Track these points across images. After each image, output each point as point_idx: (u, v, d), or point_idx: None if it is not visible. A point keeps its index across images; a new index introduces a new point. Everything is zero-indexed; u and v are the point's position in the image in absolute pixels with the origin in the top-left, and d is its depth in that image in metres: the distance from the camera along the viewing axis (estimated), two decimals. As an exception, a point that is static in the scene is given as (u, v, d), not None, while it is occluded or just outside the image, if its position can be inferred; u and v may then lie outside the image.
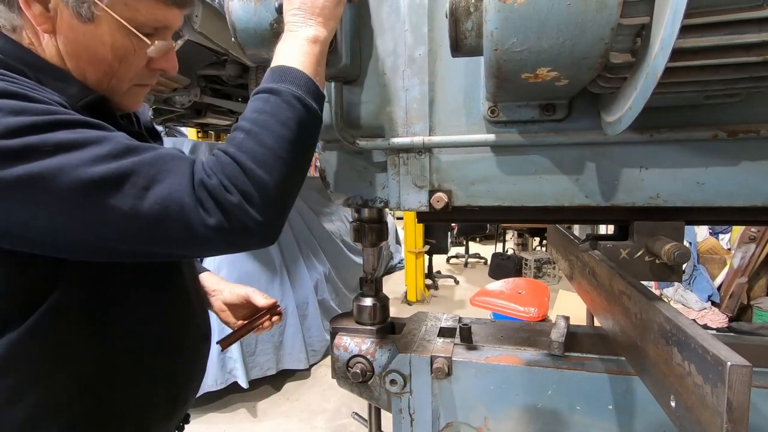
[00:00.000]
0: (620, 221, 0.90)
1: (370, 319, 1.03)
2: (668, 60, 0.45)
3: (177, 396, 0.85)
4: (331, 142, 0.94)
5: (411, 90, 0.85)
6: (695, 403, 0.46)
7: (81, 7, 0.62)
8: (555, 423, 0.88)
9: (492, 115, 0.80)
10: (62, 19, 0.63)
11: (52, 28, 0.63)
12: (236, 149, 0.61)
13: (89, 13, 0.62)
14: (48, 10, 0.62)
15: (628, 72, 0.55)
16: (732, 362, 0.39)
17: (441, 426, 0.95)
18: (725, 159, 0.73)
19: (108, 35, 0.65)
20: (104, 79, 0.69)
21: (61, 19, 0.62)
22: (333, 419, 2.95)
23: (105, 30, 0.64)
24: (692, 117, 0.72)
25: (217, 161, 0.60)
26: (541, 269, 6.17)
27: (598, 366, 0.86)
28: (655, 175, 0.76)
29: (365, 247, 1.03)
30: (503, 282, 3.57)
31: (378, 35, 0.85)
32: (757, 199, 0.73)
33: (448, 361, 0.91)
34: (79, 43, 0.65)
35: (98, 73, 0.68)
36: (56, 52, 0.65)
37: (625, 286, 0.68)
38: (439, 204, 0.86)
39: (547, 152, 0.80)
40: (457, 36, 0.62)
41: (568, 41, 0.51)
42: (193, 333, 0.88)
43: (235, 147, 0.61)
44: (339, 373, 1.00)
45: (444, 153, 0.86)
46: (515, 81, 0.59)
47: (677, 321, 0.51)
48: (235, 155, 0.60)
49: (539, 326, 1.11)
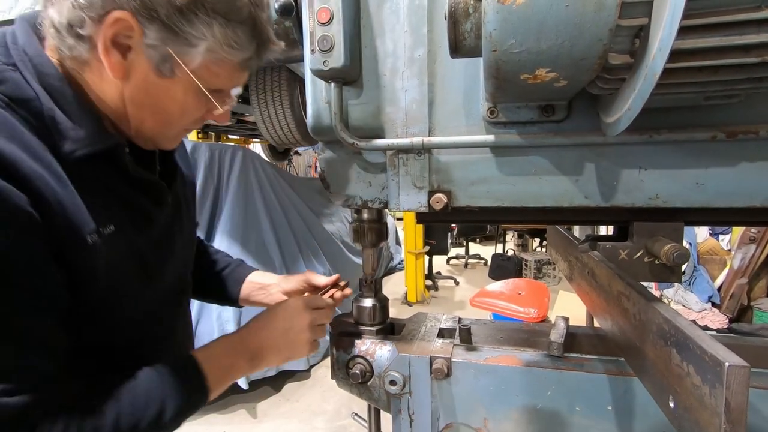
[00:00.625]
0: (619, 222, 0.90)
1: (369, 320, 1.03)
2: (667, 61, 0.45)
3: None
4: (331, 143, 0.94)
5: (410, 91, 0.85)
6: (694, 404, 0.46)
7: (163, 65, 0.61)
8: (554, 424, 0.88)
9: (491, 116, 0.80)
10: (138, 70, 0.61)
11: (124, 76, 0.61)
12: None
13: (170, 72, 0.62)
14: (125, 59, 0.60)
15: (626, 73, 0.55)
16: (730, 363, 0.39)
17: (440, 427, 0.95)
18: (724, 160, 0.73)
19: (181, 93, 0.65)
20: (158, 126, 0.69)
21: (136, 70, 0.61)
22: (333, 420, 2.95)
23: (180, 88, 0.64)
24: (691, 118, 0.72)
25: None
26: (541, 270, 6.17)
27: (597, 367, 0.86)
28: (655, 176, 0.76)
29: (365, 248, 1.04)
30: (503, 283, 3.57)
31: (377, 36, 0.85)
32: (757, 199, 0.74)
33: (448, 362, 0.91)
34: (149, 95, 0.64)
35: (156, 122, 0.68)
36: (118, 95, 0.63)
37: (624, 287, 0.68)
38: (439, 205, 0.86)
39: (546, 153, 0.80)
40: (456, 37, 0.63)
41: (567, 42, 0.51)
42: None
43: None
44: (338, 374, 1.00)
45: (443, 154, 0.86)
46: (514, 82, 0.60)
47: (676, 322, 0.51)
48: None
49: (539, 327, 1.10)
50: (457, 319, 1.12)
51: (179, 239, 0.84)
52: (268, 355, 0.80)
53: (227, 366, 0.75)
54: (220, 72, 0.65)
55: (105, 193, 0.64)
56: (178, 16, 0.57)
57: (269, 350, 0.80)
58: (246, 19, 0.63)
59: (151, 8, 0.56)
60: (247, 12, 0.62)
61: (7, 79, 0.57)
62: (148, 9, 0.56)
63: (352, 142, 0.86)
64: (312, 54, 0.78)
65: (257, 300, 1.07)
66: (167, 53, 0.60)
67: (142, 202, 0.72)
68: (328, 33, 0.78)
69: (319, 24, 0.79)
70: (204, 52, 0.61)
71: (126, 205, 0.68)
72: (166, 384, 0.67)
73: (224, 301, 1.10)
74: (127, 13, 0.56)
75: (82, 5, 0.55)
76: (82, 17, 0.56)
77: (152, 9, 0.56)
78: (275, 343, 0.81)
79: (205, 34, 0.60)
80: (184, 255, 0.87)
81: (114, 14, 0.55)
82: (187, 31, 0.59)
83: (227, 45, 0.62)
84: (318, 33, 0.78)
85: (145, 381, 0.66)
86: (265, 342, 0.80)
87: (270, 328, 0.81)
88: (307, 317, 0.84)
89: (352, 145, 0.86)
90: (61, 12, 0.56)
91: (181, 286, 0.89)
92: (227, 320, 2.93)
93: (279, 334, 0.81)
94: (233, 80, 0.68)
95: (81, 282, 0.61)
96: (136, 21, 0.57)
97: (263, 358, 0.80)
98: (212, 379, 0.72)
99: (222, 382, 0.74)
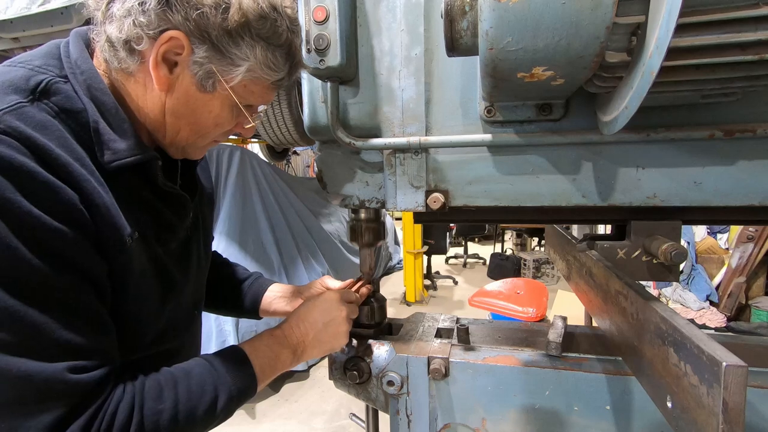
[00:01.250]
0: (617, 221, 0.90)
1: (367, 320, 1.03)
2: (664, 59, 0.45)
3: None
4: (328, 143, 0.93)
5: (407, 90, 0.85)
6: (691, 404, 0.46)
7: (206, 81, 0.66)
8: (553, 424, 0.87)
9: (488, 115, 0.80)
10: (182, 84, 0.66)
11: (168, 89, 0.66)
12: (152, 426, 0.61)
13: (212, 88, 0.66)
14: (171, 73, 0.65)
15: (624, 71, 0.55)
16: (727, 362, 0.39)
17: (438, 427, 0.94)
18: (722, 158, 0.73)
19: (218, 107, 0.69)
20: (192, 137, 0.73)
21: (180, 83, 0.66)
22: (332, 420, 2.95)
23: (217, 102, 0.69)
24: (689, 116, 0.72)
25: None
26: (539, 269, 6.17)
27: (595, 366, 0.85)
28: (652, 175, 0.76)
29: (362, 248, 1.03)
30: (501, 282, 3.57)
31: (374, 35, 0.85)
32: (755, 198, 0.73)
33: (446, 362, 0.90)
34: (188, 107, 0.68)
35: (191, 133, 0.72)
36: (160, 105, 0.68)
37: (621, 287, 0.68)
38: (436, 204, 0.85)
39: (543, 152, 0.80)
40: (452, 35, 0.62)
41: (563, 40, 0.50)
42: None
43: (152, 422, 0.61)
44: (336, 374, 0.99)
45: (440, 153, 0.85)
46: (511, 80, 0.59)
47: (673, 321, 0.50)
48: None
49: (537, 327, 1.10)
50: (455, 319, 1.12)
51: (195, 252, 0.87)
52: (309, 348, 0.84)
53: (272, 357, 0.79)
54: (255, 90, 0.70)
55: (134, 201, 0.68)
56: (227, 38, 0.62)
57: (311, 342, 0.85)
58: (284, 43, 0.68)
59: (203, 30, 0.61)
60: (285, 37, 0.68)
61: (59, 91, 0.61)
62: (201, 30, 0.61)
63: (349, 142, 0.86)
64: (308, 53, 0.78)
65: (278, 309, 1.08)
66: (211, 70, 0.65)
67: (165, 214, 0.75)
68: (324, 32, 0.78)
69: (315, 23, 0.78)
70: (244, 72, 0.66)
71: (151, 215, 0.72)
72: (217, 374, 0.70)
73: (244, 314, 1.12)
74: (180, 33, 0.61)
75: (142, 23, 0.60)
76: (140, 34, 0.61)
77: (204, 31, 0.61)
78: (317, 335, 0.85)
79: (248, 55, 0.65)
80: (199, 268, 0.90)
81: (168, 33, 0.60)
82: (232, 52, 0.64)
83: (266, 66, 0.67)
84: (314, 32, 0.78)
85: (198, 371, 0.70)
86: (307, 335, 0.84)
87: (310, 321, 0.85)
88: (345, 309, 0.89)
89: (349, 144, 0.86)
90: (120, 29, 0.61)
91: (196, 298, 0.91)
92: (225, 321, 2.93)
93: (320, 327, 0.85)
94: (265, 97, 0.74)
95: (116, 283, 0.64)
96: (188, 40, 0.62)
97: (305, 350, 0.84)
98: (259, 369, 0.76)
99: (268, 373, 0.78)
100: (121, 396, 0.60)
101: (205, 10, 0.60)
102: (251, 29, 0.63)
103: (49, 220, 0.54)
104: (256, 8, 0.62)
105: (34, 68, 0.61)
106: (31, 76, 0.60)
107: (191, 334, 0.91)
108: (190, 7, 0.60)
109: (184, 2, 0.60)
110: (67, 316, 0.56)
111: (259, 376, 0.76)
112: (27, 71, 0.60)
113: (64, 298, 0.56)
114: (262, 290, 1.09)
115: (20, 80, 0.59)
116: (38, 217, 0.53)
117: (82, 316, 0.58)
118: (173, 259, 0.78)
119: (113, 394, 0.60)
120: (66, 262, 0.56)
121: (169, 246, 0.77)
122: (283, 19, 0.66)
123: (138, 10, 0.59)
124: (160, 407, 0.62)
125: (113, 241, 0.62)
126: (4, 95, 0.56)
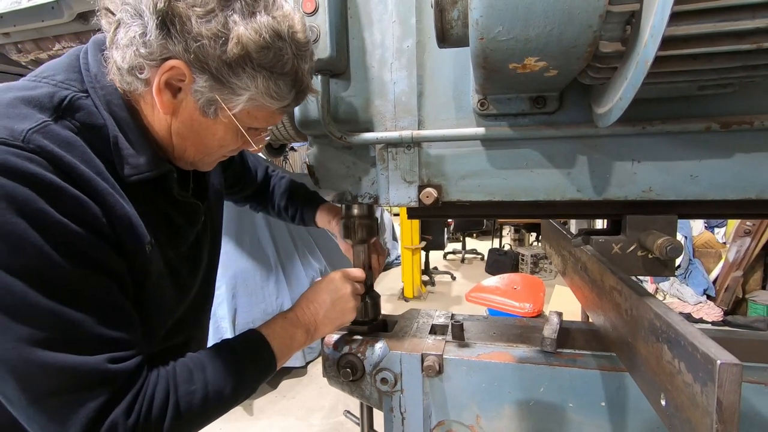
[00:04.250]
0: (613, 215, 0.88)
1: (360, 317, 1.01)
2: (659, 48, 0.43)
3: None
4: (319, 137, 0.92)
5: (399, 83, 0.83)
6: (685, 403, 0.45)
7: (208, 108, 0.67)
8: (547, 420, 0.87)
9: (482, 108, 0.78)
10: (185, 108, 0.68)
11: (173, 113, 0.68)
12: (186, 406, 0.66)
13: (214, 114, 0.68)
14: (175, 98, 0.66)
15: (618, 62, 0.53)
16: (722, 360, 0.38)
17: (432, 424, 0.94)
18: (719, 151, 0.72)
19: (222, 131, 0.71)
20: (198, 155, 0.76)
21: (184, 108, 0.68)
22: (329, 417, 2.95)
23: (221, 127, 0.70)
24: (685, 108, 0.71)
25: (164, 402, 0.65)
26: (537, 264, 6.18)
27: (590, 362, 0.85)
28: (648, 169, 0.75)
29: (355, 245, 1.02)
30: (498, 278, 3.56)
31: (365, 27, 0.83)
32: (752, 191, 0.72)
33: (439, 359, 0.89)
34: (193, 130, 0.70)
35: (197, 152, 0.75)
36: (166, 126, 0.70)
37: (616, 282, 0.67)
38: (429, 199, 0.84)
39: (538, 146, 0.79)
40: (443, 26, 0.61)
41: (556, 29, 0.49)
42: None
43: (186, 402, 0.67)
44: (330, 371, 0.98)
45: (433, 147, 0.84)
46: (503, 71, 0.58)
47: (667, 318, 0.49)
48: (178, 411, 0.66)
49: (532, 322, 1.09)
50: (450, 315, 1.11)
51: (205, 252, 0.91)
52: (321, 326, 0.90)
53: (288, 338, 0.84)
54: (258, 115, 0.71)
55: (150, 210, 0.72)
56: (227, 69, 0.62)
57: (322, 320, 0.90)
58: (289, 71, 0.67)
59: (203, 61, 0.61)
60: (291, 65, 0.66)
61: (82, 107, 0.64)
62: (201, 62, 0.62)
63: (341, 136, 0.84)
64: (297, 45, 0.76)
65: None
66: (213, 98, 0.66)
67: (178, 221, 0.79)
68: (314, 23, 0.76)
69: (305, 14, 0.76)
70: (246, 100, 0.66)
71: (165, 222, 0.76)
72: (240, 356, 0.76)
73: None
74: (181, 62, 0.62)
75: (143, 54, 0.61)
76: (142, 64, 0.62)
77: (204, 62, 0.62)
78: (326, 313, 0.90)
79: (249, 85, 0.64)
80: (208, 267, 0.94)
81: (170, 62, 0.61)
82: (233, 82, 0.64)
83: (269, 96, 0.67)
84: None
85: (222, 354, 0.75)
86: (317, 313, 0.89)
87: (318, 301, 0.90)
88: (349, 286, 0.94)
89: (341, 138, 0.84)
90: (123, 58, 0.63)
91: (205, 294, 0.96)
92: (222, 317, 2.92)
93: (329, 305, 0.91)
94: (270, 122, 0.74)
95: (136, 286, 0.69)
96: (189, 70, 0.62)
97: (317, 328, 0.89)
98: (277, 349, 0.81)
99: (285, 353, 0.83)
100: (156, 380, 0.65)
101: (204, 42, 0.60)
102: (252, 60, 0.62)
103: (77, 228, 0.58)
104: (257, 40, 0.61)
105: (58, 84, 0.65)
106: (55, 93, 0.63)
107: (200, 329, 0.97)
108: (190, 39, 0.60)
109: (184, 33, 0.60)
110: (101, 313, 0.61)
111: (278, 355, 0.81)
112: (51, 88, 0.64)
113: (97, 297, 0.61)
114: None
115: (45, 97, 0.62)
116: (67, 225, 0.57)
117: (114, 312, 0.63)
118: (184, 261, 0.83)
119: (149, 380, 0.65)
120: (95, 264, 0.60)
121: (181, 249, 0.81)
122: (288, 47, 0.65)
123: (139, 41, 0.61)
124: (192, 388, 0.68)
125: (134, 250, 0.66)
126: (32, 114, 0.60)
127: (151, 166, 0.69)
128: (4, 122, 0.58)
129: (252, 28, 0.60)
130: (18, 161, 0.55)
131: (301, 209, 1.24)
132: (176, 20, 0.59)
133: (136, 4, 0.60)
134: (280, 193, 1.27)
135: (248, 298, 3.08)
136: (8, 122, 0.58)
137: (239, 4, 0.60)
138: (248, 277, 3.13)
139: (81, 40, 2.46)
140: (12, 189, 0.54)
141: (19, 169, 0.55)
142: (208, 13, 0.59)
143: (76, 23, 2.32)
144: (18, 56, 2.63)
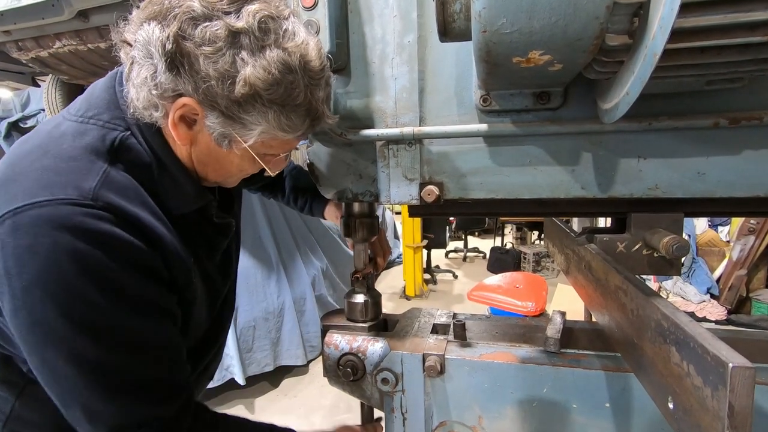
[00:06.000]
0: (617, 213, 0.87)
1: (361, 316, 1.00)
2: (668, 41, 0.42)
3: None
4: (319, 135, 0.91)
5: (400, 79, 0.82)
6: (694, 406, 0.43)
7: (222, 140, 0.68)
8: (550, 421, 0.86)
9: (484, 104, 0.77)
10: (201, 139, 0.69)
11: (191, 143, 0.70)
12: None
13: (228, 146, 0.69)
14: (191, 130, 0.68)
15: (625, 55, 0.52)
16: (734, 364, 0.37)
17: (434, 425, 0.93)
18: (727, 148, 0.70)
19: (238, 159, 0.73)
20: (219, 178, 0.79)
21: (200, 138, 0.69)
22: (331, 415, 2.94)
23: (237, 155, 0.72)
24: (693, 104, 0.69)
25: None
26: (540, 263, 6.15)
27: (594, 363, 0.83)
28: (654, 165, 0.73)
29: (356, 243, 1.01)
30: (500, 276, 3.55)
31: (366, 21, 0.82)
32: (760, 189, 0.71)
33: (441, 359, 0.88)
34: (211, 157, 0.73)
35: (218, 176, 0.78)
36: (187, 155, 0.73)
37: (621, 281, 0.66)
38: (430, 197, 0.83)
39: (541, 142, 0.77)
40: (444, 19, 0.59)
41: (561, 21, 0.47)
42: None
43: None
44: (330, 371, 0.97)
45: (435, 144, 0.83)
46: (506, 66, 0.56)
47: (675, 318, 0.48)
48: None
49: (535, 322, 1.08)
50: (451, 315, 1.10)
51: (234, 254, 0.96)
52: None
53: None
54: (274, 144, 0.71)
55: (193, 234, 0.77)
56: (236, 107, 0.63)
57: None
58: (302, 103, 0.66)
59: (212, 100, 0.62)
60: (303, 96, 0.65)
61: (130, 148, 0.68)
62: (210, 100, 0.62)
63: (341, 133, 0.83)
64: (296, 40, 0.75)
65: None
66: (226, 132, 0.67)
67: (215, 238, 0.85)
68: (313, 18, 0.75)
69: (304, 8, 0.75)
70: (258, 134, 0.67)
71: (204, 241, 0.82)
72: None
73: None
74: (192, 100, 0.63)
75: (155, 94, 0.63)
76: (155, 102, 0.64)
77: (213, 101, 0.62)
78: None
79: (260, 121, 0.65)
80: (235, 267, 1.00)
81: (182, 100, 0.63)
82: (244, 118, 0.64)
83: (280, 129, 0.67)
84: (302, 18, 0.75)
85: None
86: None
87: None
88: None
89: (341, 135, 0.83)
90: (138, 97, 0.64)
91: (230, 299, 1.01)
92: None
93: None
94: (286, 148, 0.76)
95: (183, 308, 0.75)
96: (200, 107, 0.64)
97: None
98: None
99: None
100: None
101: (212, 83, 0.60)
102: (261, 97, 0.62)
103: (141, 278, 0.64)
104: (266, 77, 0.60)
105: (105, 125, 0.68)
106: (105, 135, 0.67)
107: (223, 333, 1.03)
108: (199, 79, 0.61)
109: (193, 73, 0.60)
110: (165, 360, 0.69)
111: None
112: (100, 129, 0.67)
113: (163, 342, 0.69)
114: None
115: (98, 141, 0.66)
116: (130, 278, 0.63)
117: (174, 354, 0.71)
118: (217, 269, 0.88)
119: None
120: (157, 310, 0.67)
121: (215, 260, 0.87)
122: (301, 79, 0.64)
123: (151, 83, 0.62)
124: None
125: (183, 279, 0.72)
126: (93, 164, 0.64)
127: (196, 200, 0.75)
128: (72, 178, 0.61)
129: (261, 65, 0.60)
130: (90, 221, 0.59)
131: (310, 201, 1.24)
132: (185, 60, 0.60)
133: (146, 44, 0.60)
134: (291, 182, 1.28)
135: (249, 297, 3.08)
136: (75, 179, 0.61)
137: (248, 39, 0.59)
138: (249, 275, 3.12)
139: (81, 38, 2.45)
140: (84, 251, 0.58)
141: (91, 229, 0.59)
142: (216, 52, 0.59)
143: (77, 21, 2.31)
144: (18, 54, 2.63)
